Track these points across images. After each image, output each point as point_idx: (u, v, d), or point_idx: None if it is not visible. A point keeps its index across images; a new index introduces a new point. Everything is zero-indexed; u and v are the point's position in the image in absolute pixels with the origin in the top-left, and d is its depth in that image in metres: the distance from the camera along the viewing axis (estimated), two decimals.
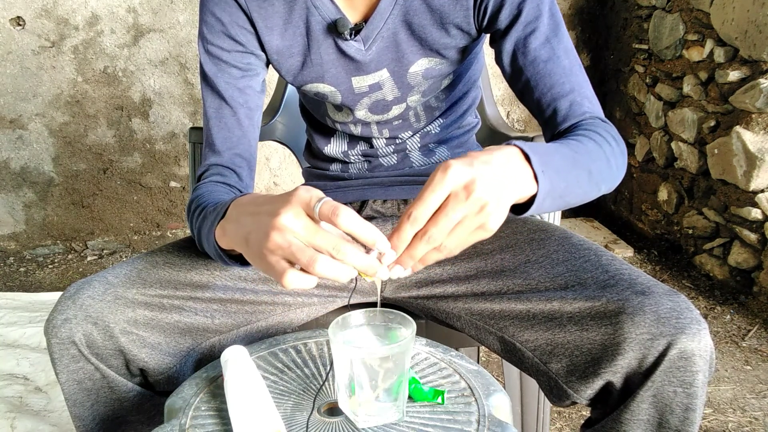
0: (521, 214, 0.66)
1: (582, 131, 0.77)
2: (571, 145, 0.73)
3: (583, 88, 0.82)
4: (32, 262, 2.55)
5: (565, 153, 0.70)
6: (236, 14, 0.85)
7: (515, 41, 0.82)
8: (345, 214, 0.56)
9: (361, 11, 0.85)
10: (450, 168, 0.57)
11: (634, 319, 0.69)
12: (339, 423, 0.65)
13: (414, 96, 0.92)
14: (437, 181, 0.57)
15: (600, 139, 0.76)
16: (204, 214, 0.76)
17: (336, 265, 0.57)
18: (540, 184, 0.63)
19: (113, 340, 0.77)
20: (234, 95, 0.88)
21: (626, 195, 2.79)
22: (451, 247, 0.59)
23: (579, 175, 0.70)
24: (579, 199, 0.72)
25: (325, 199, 0.57)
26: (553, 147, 0.69)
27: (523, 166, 0.62)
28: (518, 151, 0.63)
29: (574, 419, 1.54)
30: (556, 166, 0.66)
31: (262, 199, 0.64)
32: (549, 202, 0.66)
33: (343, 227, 0.56)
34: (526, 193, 0.63)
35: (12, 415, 1.42)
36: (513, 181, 0.61)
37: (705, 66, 2.15)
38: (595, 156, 0.74)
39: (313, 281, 0.59)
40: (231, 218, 0.68)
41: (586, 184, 0.72)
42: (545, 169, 0.63)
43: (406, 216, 0.57)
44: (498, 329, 0.82)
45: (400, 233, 0.58)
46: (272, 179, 2.76)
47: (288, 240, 0.58)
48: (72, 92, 2.50)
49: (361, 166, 1.02)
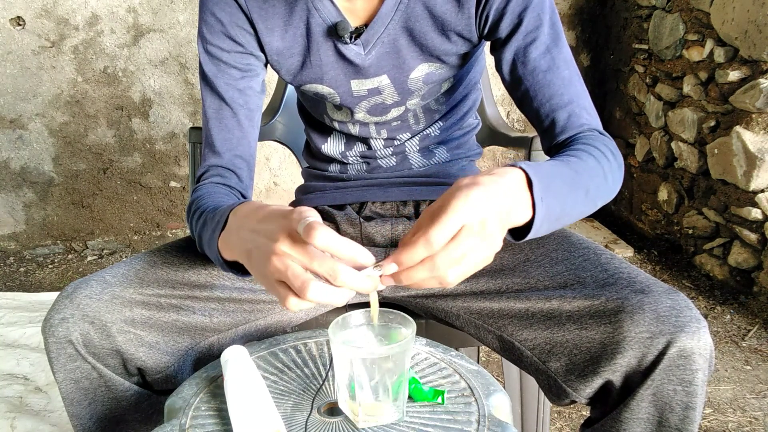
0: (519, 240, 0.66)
1: (581, 145, 0.77)
2: (572, 163, 0.72)
3: (582, 99, 0.81)
4: (32, 262, 2.55)
5: (565, 175, 0.69)
6: (236, 15, 0.85)
7: (515, 50, 0.82)
8: (319, 234, 0.55)
9: (362, 15, 0.85)
10: (470, 197, 0.56)
11: (634, 318, 0.69)
12: (339, 423, 0.65)
13: (413, 100, 0.92)
14: (456, 209, 0.55)
15: (599, 155, 0.75)
16: (204, 219, 0.76)
17: (329, 290, 0.57)
18: (537, 212, 0.62)
19: (110, 339, 0.77)
20: (234, 96, 0.88)
21: (626, 195, 2.79)
22: (452, 279, 0.57)
23: (576, 196, 0.70)
24: (574, 218, 0.72)
25: (306, 221, 0.56)
26: (555, 169, 0.69)
27: (524, 193, 0.62)
28: (523, 175, 0.62)
29: (574, 419, 1.54)
30: (556, 190, 0.65)
31: (262, 214, 0.64)
32: (546, 227, 0.65)
33: (319, 245, 0.55)
34: (521, 221, 0.63)
35: (12, 415, 1.42)
36: (514, 211, 0.61)
37: (705, 66, 2.15)
38: (594, 173, 0.74)
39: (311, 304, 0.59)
40: (232, 230, 0.67)
41: (583, 204, 0.72)
42: (545, 195, 0.63)
43: (423, 237, 0.55)
44: (497, 328, 0.82)
45: (412, 253, 0.56)
46: (272, 179, 2.76)
47: (286, 264, 0.58)
48: (72, 92, 2.50)
49: (359, 168, 1.01)
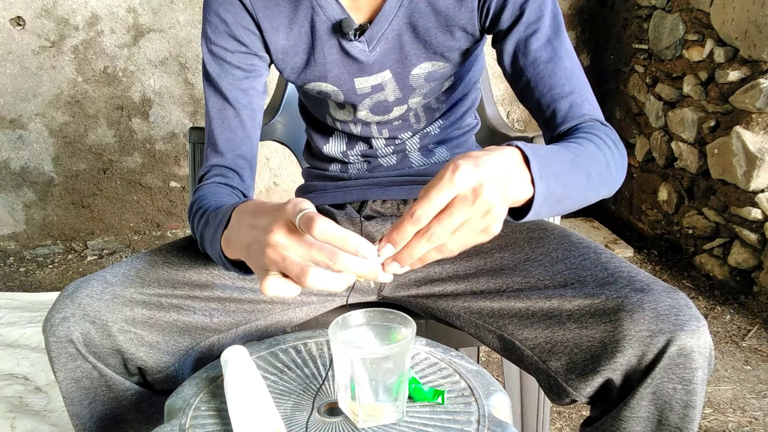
0: (519, 220, 0.65)
1: (582, 134, 0.77)
2: (572, 147, 0.72)
3: (583, 90, 0.81)
4: (32, 262, 2.55)
5: (564, 156, 0.69)
6: (241, 15, 0.85)
7: (516, 42, 0.82)
8: (320, 224, 0.55)
9: (366, 12, 0.85)
10: (459, 169, 0.55)
11: (634, 317, 0.69)
12: (339, 423, 0.65)
13: (415, 98, 0.92)
14: (445, 181, 0.55)
15: (600, 142, 0.75)
16: (206, 218, 0.76)
17: (329, 276, 0.56)
18: (537, 189, 0.62)
19: (111, 338, 0.77)
20: (237, 96, 0.88)
21: (626, 195, 2.79)
22: (453, 248, 0.58)
23: (578, 179, 0.70)
24: (578, 203, 0.72)
25: (305, 211, 0.56)
26: (553, 150, 0.68)
27: (522, 168, 0.61)
28: (518, 153, 0.62)
29: (574, 419, 1.54)
30: (555, 170, 0.65)
31: (261, 209, 0.64)
32: (547, 207, 0.65)
33: (320, 237, 0.55)
34: (522, 197, 0.62)
35: (12, 415, 1.42)
36: (513, 184, 0.60)
37: (705, 66, 2.15)
38: (595, 159, 0.73)
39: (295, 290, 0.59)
40: (233, 228, 0.68)
41: (585, 189, 0.71)
42: (543, 174, 0.62)
43: (409, 214, 0.56)
44: (497, 327, 0.82)
45: (401, 230, 0.56)
46: (272, 179, 2.76)
47: (282, 255, 0.58)
48: (72, 92, 2.50)
49: (360, 167, 1.02)
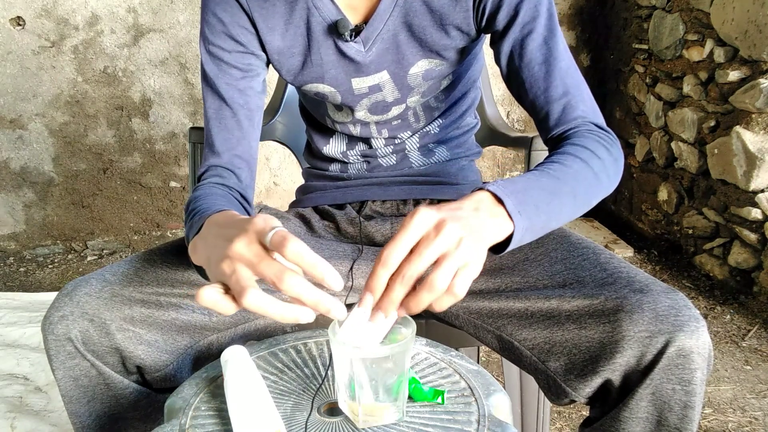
0: (500, 253, 0.66)
1: (570, 146, 0.76)
2: (553, 171, 0.72)
3: (578, 90, 0.81)
4: (32, 262, 2.55)
5: (544, 184, 0.69)
6: (237, 14, 0.85)
7: (513, 42, 0.82)
8: (292, 244, 0.54)
9: (361, 13, 0.85)
10: (418, 212, 0.57)
11: (633, 317, 0.69)
12: (339, 423, 0.65)
13: (414, 97, 0.92)
14: (407, 225, 0.57)
15: (588, 154, 0.75)
16: (192, 222, 0.76)
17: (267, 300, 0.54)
18: (516, 224, 0.63)
19: (109, 337, 0.77)
20: (234, 96, 0.88)
21: (626, 195, 2.79)
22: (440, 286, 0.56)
23: (562, 202, 0.70)
24: (565, 221, 0.72)
25: (278, 229, 0.56)
26: (532, 179, 0.69)
27: (496, 208, 0.63)
28: (489, 195, 0.63)
29: (574, 419, 1.54)
30: (535, 201, 0.66)
31: (230, 221, 0.63)
32: (529, 236, 0.66)
33: (290, 258, 0.54)
34: (503, 234, 0.63)
35: (12, 415, 1.42)
36: (486, 223, 0.61)
37: (705, 66, 2.15)
38: (582, 176, 0.73)
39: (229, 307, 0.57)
40: (202, 236, 0.67)
41: (572, 208, 0.72)
42: (522, 209, 0.64)
43: (379, 259, 0.57)
44: (496, 327, 0.82)
45: (374, 276, 0.57)
46: (272, 179, 2.76)
47: (233, 268, 0.56)
48: (72, 92, 2.50)
49: (360, 167, 1.02)
